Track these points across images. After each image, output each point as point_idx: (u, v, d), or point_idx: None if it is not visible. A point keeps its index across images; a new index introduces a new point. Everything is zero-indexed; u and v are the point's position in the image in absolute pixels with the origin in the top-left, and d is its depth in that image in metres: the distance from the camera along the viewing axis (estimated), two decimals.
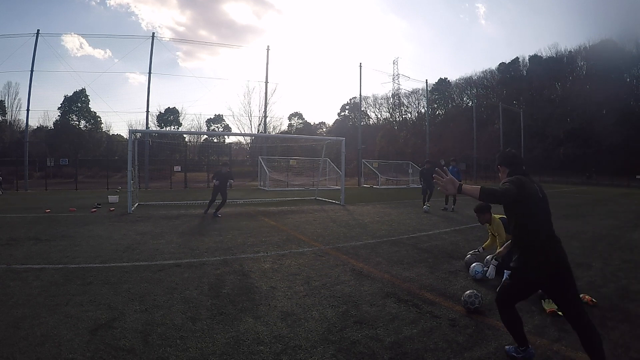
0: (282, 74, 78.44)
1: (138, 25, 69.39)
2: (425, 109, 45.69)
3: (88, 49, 66.34)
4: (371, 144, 44.74)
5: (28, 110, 22.73)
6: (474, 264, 4.23)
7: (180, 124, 47.11)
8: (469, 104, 48.68)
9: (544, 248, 2.25)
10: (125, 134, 39.76)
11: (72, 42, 60.25)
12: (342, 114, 63.14)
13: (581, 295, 3.54)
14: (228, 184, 9.64)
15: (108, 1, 69.75)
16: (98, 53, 65.01)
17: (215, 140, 42.70)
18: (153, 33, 25.64)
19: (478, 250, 4.79)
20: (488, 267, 4.03)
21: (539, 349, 2.61)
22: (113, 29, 74.17)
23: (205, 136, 43.25)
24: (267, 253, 5.37)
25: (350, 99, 60.74)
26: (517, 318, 2.45)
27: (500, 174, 2.52)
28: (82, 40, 63.35)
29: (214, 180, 9.65)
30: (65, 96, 42.20)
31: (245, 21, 79.45)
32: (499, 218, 4.24)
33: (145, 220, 8.33)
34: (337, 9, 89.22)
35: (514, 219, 2.34)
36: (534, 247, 2.26)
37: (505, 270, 3.92)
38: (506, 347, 2.57)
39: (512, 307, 2.44)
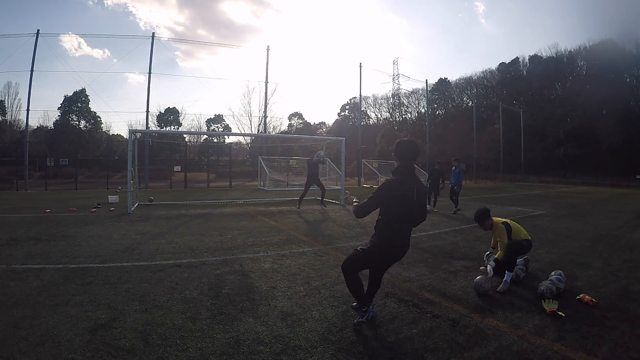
0: (282, 74, 78.52)
1: (136, 25, 69.51)
2: (425, 109, 45.70)
3: (87, 49, 66.41)
4: (371, 144, 44.70)
5: (28, 110, 22.69)
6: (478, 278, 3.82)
7: (180, 124, 47.11)
8: (469, 104, 48.72)
9: (391, 242, 2.75)
10: (125, 134, 39.78)
11: (71, 42, 60.35)
12: (342, 114, 63.16)
13: (581, 295, 3.56)
14: (319, 169, 10.22)
15: (105, 1, 69.83)
16: (97, 53, 65.09)
17: (215, 140, 42.71)
18: (153, 33, 25.64)
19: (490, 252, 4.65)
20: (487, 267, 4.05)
21: (539, 348, 2.62)
22: (111, 29, 74.35)
23: (205, 136, 43.22)
24: (267, 253, 5.38)
25: (350, 99, 60.81)
26: (360, 281, 2.94)
27: (394, 161, 2.84)
28: (81, 40, 63.42)
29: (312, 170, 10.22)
30: (65, 96, 42.18)
31: (244, 21, 79.60)
32: (502, 223, 4.14)
33: (145, 220, 8.33)
34: (336, 8, 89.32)
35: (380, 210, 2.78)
36: (383, 237, 2.74)
37: (507, 272, 3.92)
38: (353, 304, 3.13)
39: (356, 274, 2.91)
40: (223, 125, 49.21)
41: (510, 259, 3.95)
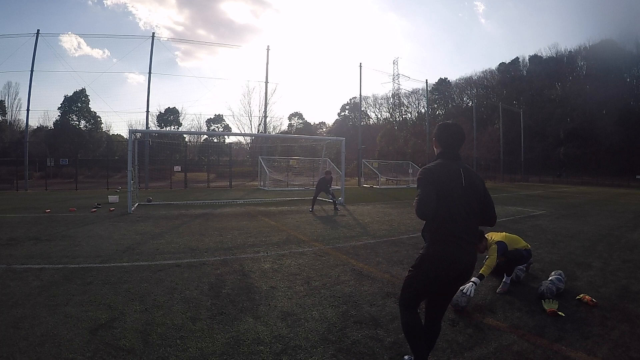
0: (282, 74, 78.65)
1: (135, 25, 69.56)
2: (425, 109, 45.72)
3: (86, 49, 66.49)
4: (371, 144, 44.72)
5: (28, 110, 22.75)
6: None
7: (180, 124, 47.14)
8: (469, 104, 48.69)
9: (446, 246, 2.02)
10: (125, 134, 39.80)
11: (70, 42, 60.45)
12: (342, 114, 63.20)
13: (581, 295, 3.56)
14: (330, 191, 10.71)
15: (105, 1, 69.83)
16: (96, 53, 65.14)
17: (215, 140, 42.69)
18: (153, 33, 25.68)
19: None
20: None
21: (538, 348, 2.62)
22: (110, 29, 74.40)
23: (205, 136, 43.23)
24: (267, 253, 5.38)
25: (350, 99, 60.91)
26: (417, 322, 2.16)
27: (434, 147, 2.30)
28: (80, 40, 63.52)
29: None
30: (65, 96, 42.26)
31: (244, 20, 79.68)
32: (497, 242, 3.92)
33: (145, 220, 8.33)
34: (335, 8, 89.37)
35: None
36: (432, 241, 2.07)
37: (505, 274, 3.90)
38: (405, 357, 2.38)
39: (413, 309, 2.18)
40: (223, 125, 49.22)
41: (509, 266, 3.92)
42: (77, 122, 43.04)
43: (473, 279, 3.44)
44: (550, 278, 3.82)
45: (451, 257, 2.02)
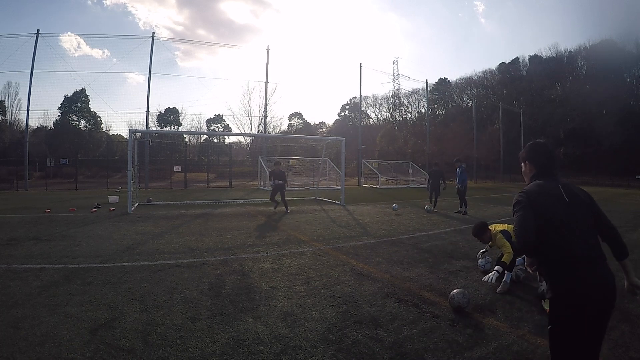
0: (282, 74, 78.69)
1: (135, 25, 69.40)
2: (425, 109, 45.74)
3: (86, 49, 66.31)
4: (371, 144, 44.73)
5: (28, 110, 22.74)
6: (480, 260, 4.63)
7: (180, 124, 47.11)
8: (469, 104, 48.66)
9: (569, 273, 1.71)
10: (125, 134, 39.79)
11: (70, 42, 60.31)
12: (342, 114, 63.15)
13: None
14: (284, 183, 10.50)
15: (105, 1, 69.76)
16: (96, 53, 65.03)
17: (215, 140, 42.70)
18: (153, 33, 25.70)
19: (486, 250, 4.74)
20: (487, 264, 4.07)
21: (538, 348, 2.61)
22: (110, 29, 74.35)
23: (205, 136, 43.26)
24: (267, 253, 5.38)
25: (350, 99, 60.80)
26: None
27: (524, 171, 2.07)
28: (80, 40, 63.32)
29: (275, 181, 10.41)
30: (65, 96, 42.22)
31: (244, 20, 79.51)
32: (501, 231, 4.06)
33: (145, 220, 8.33)
34: (335, 8, 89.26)
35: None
36: (555, 274, 1.74)
37: (506, 272, 3.90)
38: None
39: None
40: (223, 125, 49.21)
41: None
42: (77, 122, 43.03)
43: (496, 267, 3.73)
44: None
45: (580, 282, 1.70)
